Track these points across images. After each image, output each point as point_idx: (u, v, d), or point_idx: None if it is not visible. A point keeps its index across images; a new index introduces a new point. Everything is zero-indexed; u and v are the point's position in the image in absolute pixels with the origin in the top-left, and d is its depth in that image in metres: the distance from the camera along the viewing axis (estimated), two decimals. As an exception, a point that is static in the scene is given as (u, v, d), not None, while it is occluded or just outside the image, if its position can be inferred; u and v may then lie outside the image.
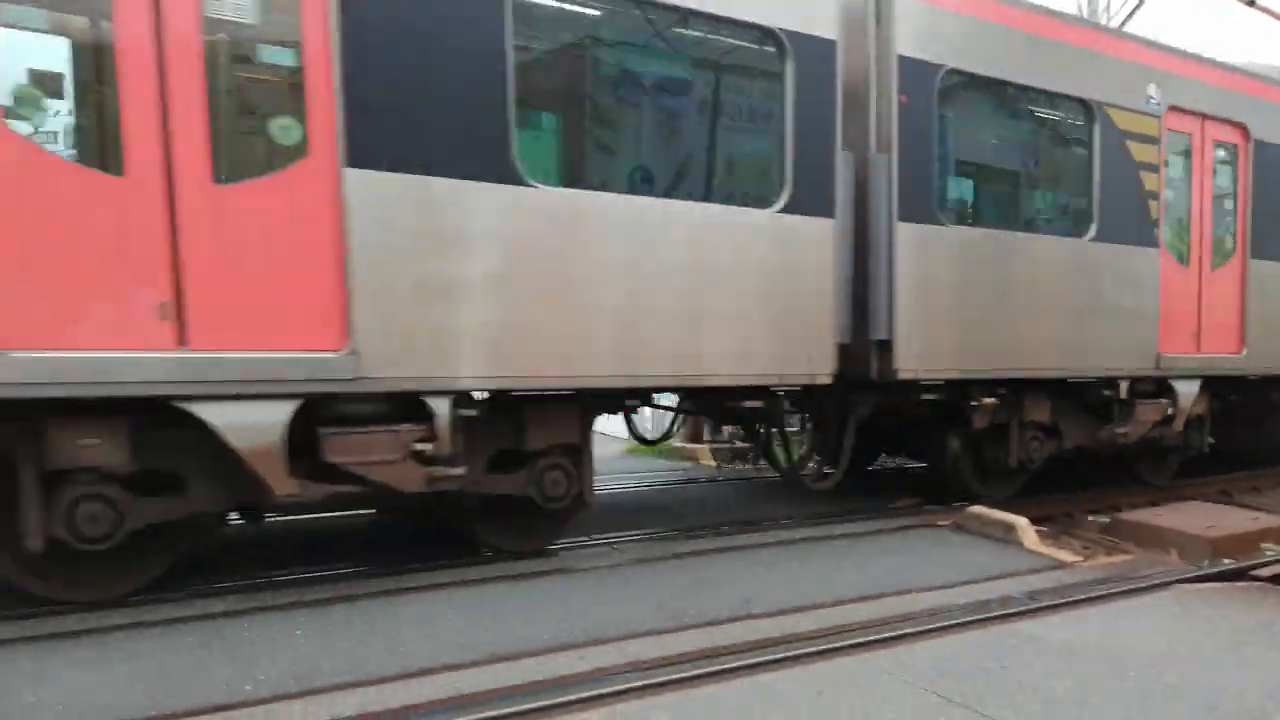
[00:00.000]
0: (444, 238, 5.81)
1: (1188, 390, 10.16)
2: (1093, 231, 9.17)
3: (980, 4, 8.24)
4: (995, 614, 5.78)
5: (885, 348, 7.92)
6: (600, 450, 7.60)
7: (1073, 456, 9.87)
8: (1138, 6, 19.09)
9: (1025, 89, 8.74)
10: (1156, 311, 9.71)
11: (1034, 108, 9.07)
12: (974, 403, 8.67)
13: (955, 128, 8.50)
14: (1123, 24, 18.55)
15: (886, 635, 5.31)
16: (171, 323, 5.10)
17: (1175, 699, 4.47)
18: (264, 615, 5.52)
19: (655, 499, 10.19)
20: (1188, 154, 10.09)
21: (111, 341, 4.96)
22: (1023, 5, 8.55)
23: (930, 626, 5.49)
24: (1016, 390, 9.00)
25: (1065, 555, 7.52)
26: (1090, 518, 9.43)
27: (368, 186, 5.50)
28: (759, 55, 7.26)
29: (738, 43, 7.21)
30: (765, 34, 7.09)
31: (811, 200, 7.36)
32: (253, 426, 5.30)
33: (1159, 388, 10.00)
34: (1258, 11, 15.92)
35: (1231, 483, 11.62)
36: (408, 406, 5.84)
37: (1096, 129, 9.08)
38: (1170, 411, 10.03)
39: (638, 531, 7.99)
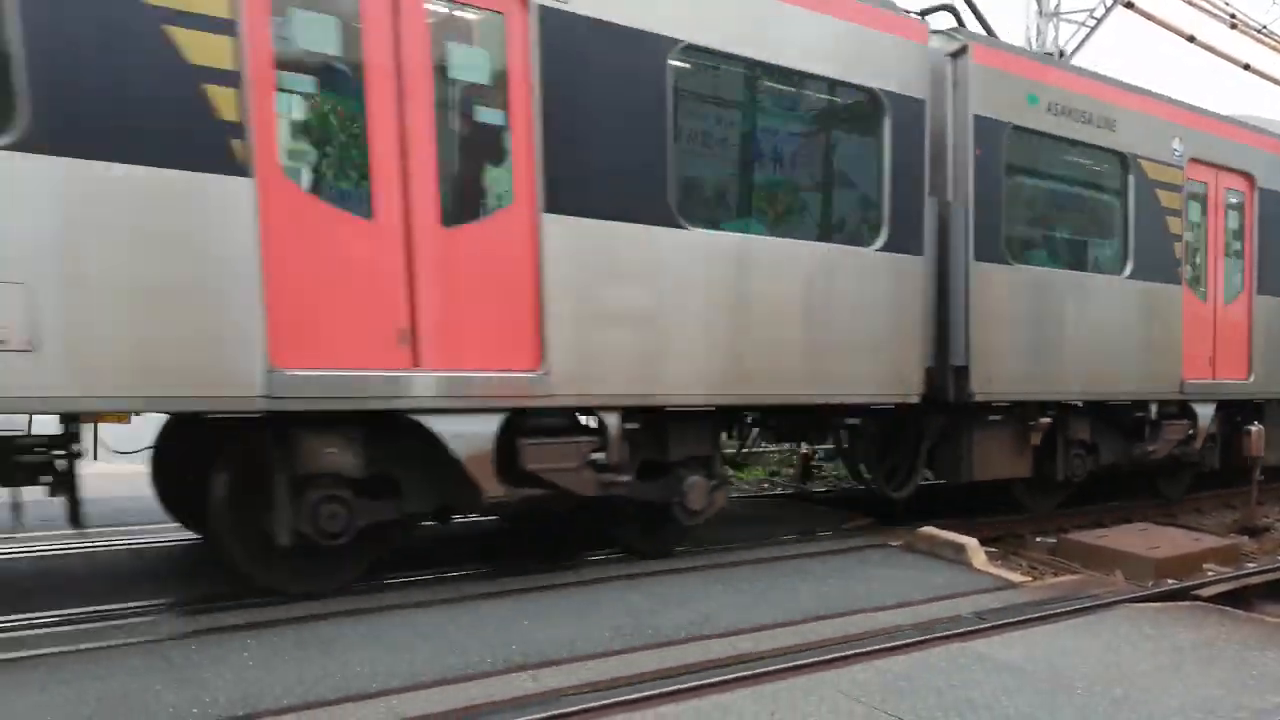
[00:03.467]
0: (617, 272, 6.78)
1: (1205, 412, 11.20)
2: (1128, 270, 10.23)
3: (1037, 68, 9.56)
4: (945, 633, 5.87)
5: (962, 373, 8.83)
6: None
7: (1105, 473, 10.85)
8: (1085, 39, 19.66)
9: (1074, 143, 9.75)
10: (1180, 341, 10.77)
11: (1081, 159, 10.07)
12: (1031, 422, 9.62)
13: (1017, 177, 9.47)
14: (1070, 56, 19.08)
15: (839, 654, 5.36)
16: (408, 346, 5.89)
17: (1120, 715, 4.57)
18: (212, 637, 5.43)
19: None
20: (1204, 200, 11.25)
21: (363, 362, 5.75)
22: (1070, 69, 10.32)
23: (882, 646, 5.55)
24: (1062, 411, 9.98)
25: (1013, 575, 7.65)
26: (1038, 539, 9.60)
27: (559, 230, 6.42)
28: (865, 112, 8.23)
29: (848, 102, 8.32)
30: (869, 94, 8.08)
31: (905, 240, 8.28)
32: (471, 436, 6.14)
33: (1181, 410, 11.00)
34: (1197, 47, 16.45)
35: (1176, 505, 11.89)
36: (578, 421, 6.82)
37: (1131, 178, 10.17)
38: (1191, 431, 11.09)
39: (595, 552, 7.98)
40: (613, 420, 6.77)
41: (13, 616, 5.69)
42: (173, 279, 5.22)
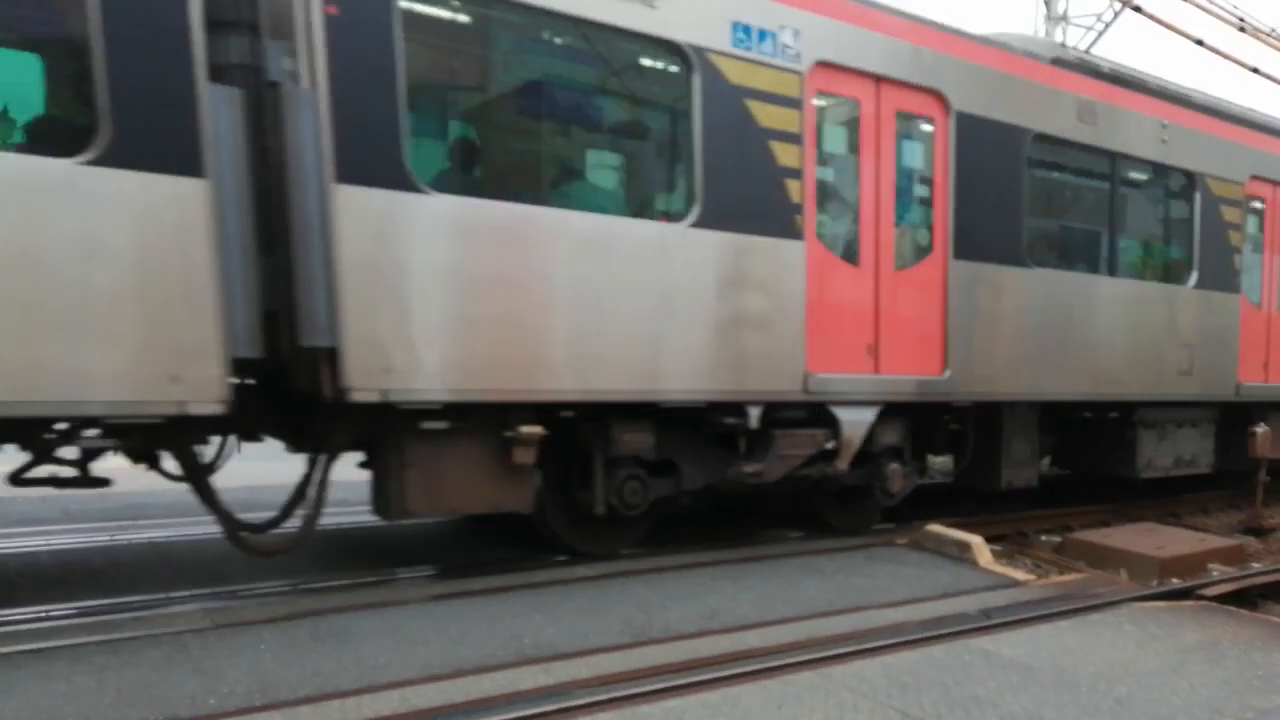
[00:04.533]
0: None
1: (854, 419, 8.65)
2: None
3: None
4: (951, 630, 5.92)
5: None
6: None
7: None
8: (1097, 39, 19.65)
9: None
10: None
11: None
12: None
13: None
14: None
15: (846, 650, 5.42)
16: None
17: (1124, 714, 4.63)
18: (230, 629, 5.51)
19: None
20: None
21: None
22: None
23: (888, 642, 5.62)
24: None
25: (1018, 574, 7.70)
26: (1043, 537, 9.65)
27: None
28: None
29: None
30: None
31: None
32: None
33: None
34: (1205, 49, 16.43)
35: (1180, 504, 11.92)
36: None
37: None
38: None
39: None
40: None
41: (35, 608, 5.79)
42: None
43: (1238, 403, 11.52)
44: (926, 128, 8.58)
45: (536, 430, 6.55)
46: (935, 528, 8.54)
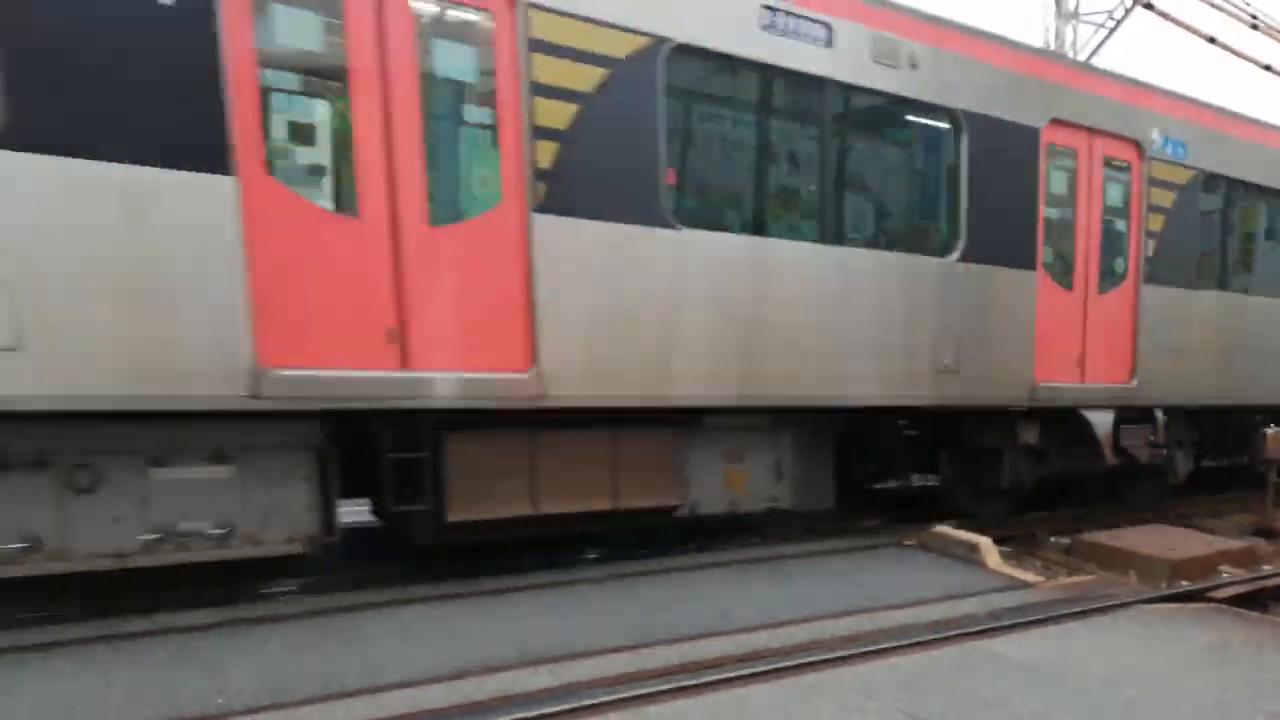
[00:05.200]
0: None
1: None
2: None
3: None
4: (960, 632, 5.89)
5: None
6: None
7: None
8: (1108, 37, 19.58)
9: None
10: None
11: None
12: None
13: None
14: (1089, 57, 19.02)
15: (854, 652, 5.40)
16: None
17: (1134, 716, 4.59)
18: (237, 629, 5.52)
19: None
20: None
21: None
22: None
23: (897, 644, 5.59)
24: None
25: (1027, 575, 7.66)
26: (1052, 539, 9.60)
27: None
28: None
29: None
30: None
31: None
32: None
33: None
34: (1217, 47, 16.36)
35: (1191, 506, 11.85)
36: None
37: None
38: None
39: (614, 547, 8.03)
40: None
41: (40, 608, 5.80)
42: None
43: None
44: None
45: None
46: (943, 529, 8.50)
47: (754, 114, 7.74)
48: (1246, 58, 17.40)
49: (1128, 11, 19.05)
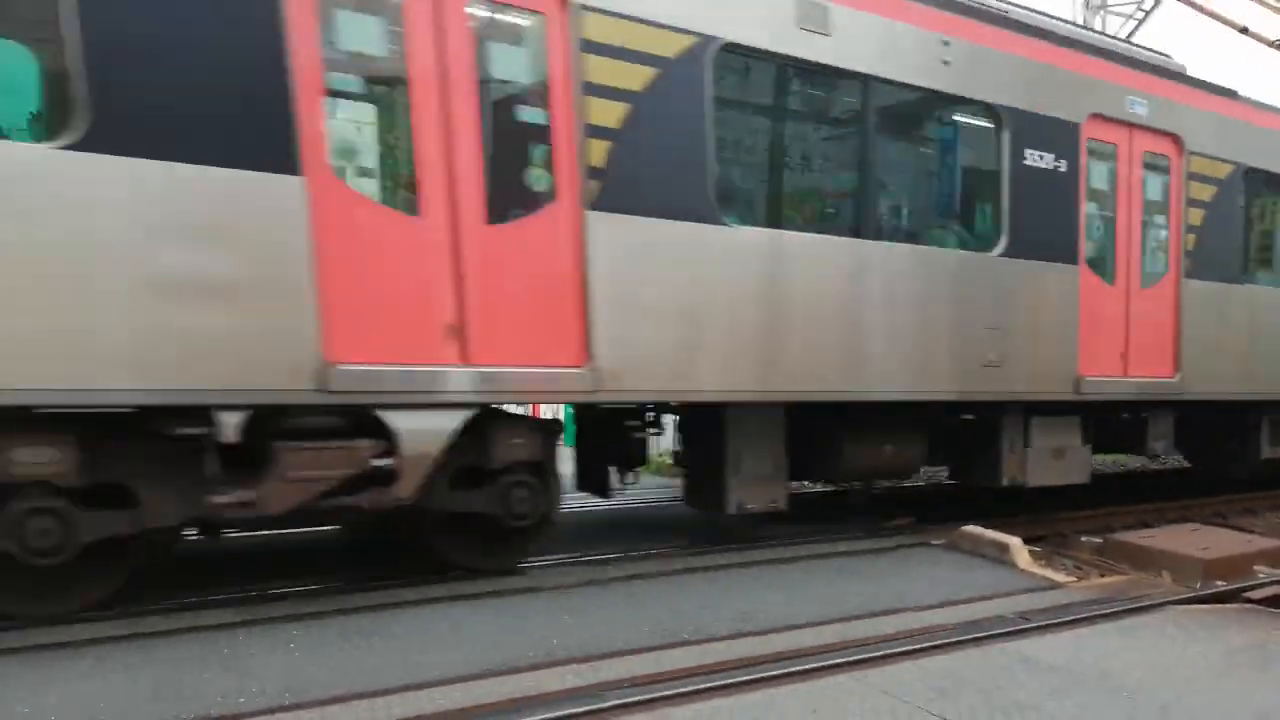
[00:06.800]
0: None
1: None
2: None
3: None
4: (989, 634, 5.80)
5: None
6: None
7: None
8: (1137, 27, 19.32)
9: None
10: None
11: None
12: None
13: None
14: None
15: (882, 653, 5.33)
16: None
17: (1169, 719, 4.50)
18: (259, 627, 5.52)
19: (653, 516, 10.22)
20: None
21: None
22: None
23: (925, 645, 5.51)
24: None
25: (1058, 576, 7.55)
26: (1083, 538, 9.46)
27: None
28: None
29: None
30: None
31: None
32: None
33: None
34: (1249, 38, 16.09)
35: (1227, 505, 11.67)
36: None
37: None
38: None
39: (635, 549, 8.00)
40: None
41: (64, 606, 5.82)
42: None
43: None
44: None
45: None
46: (972, 529, 8.39)
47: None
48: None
49: (1157, 2, 18.78)
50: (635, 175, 6.63)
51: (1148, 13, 19.07)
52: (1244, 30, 16.48)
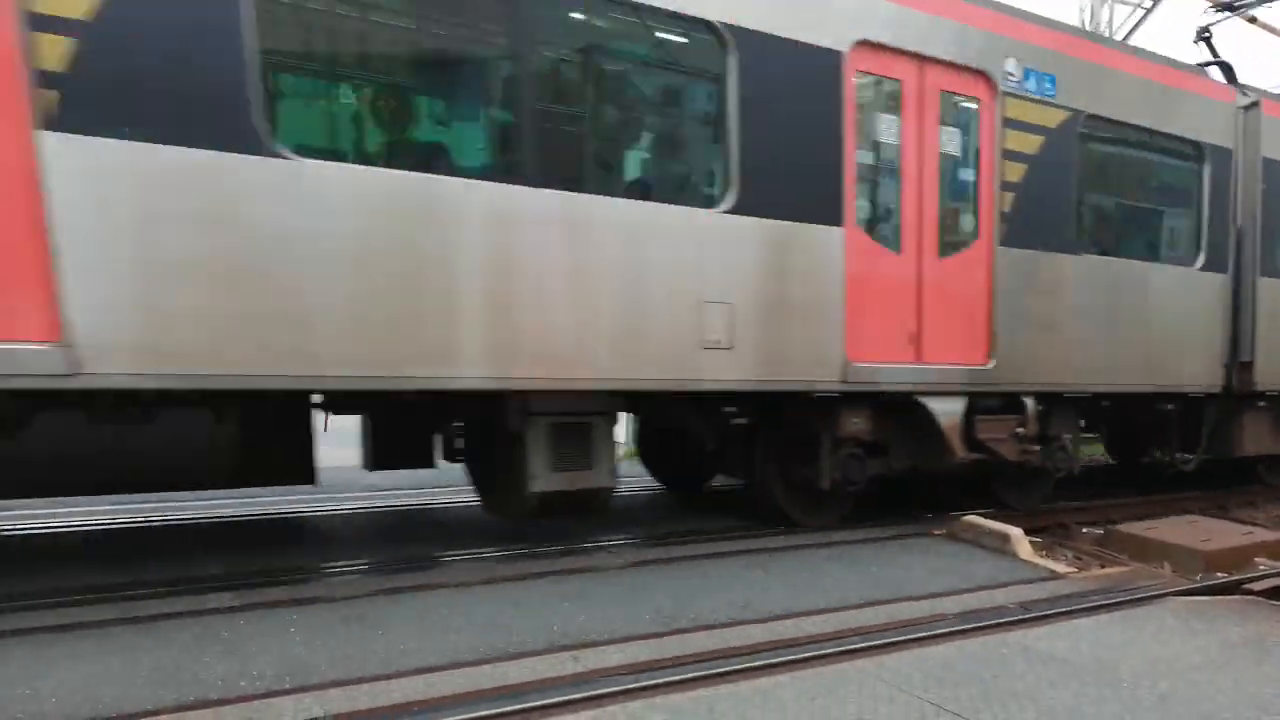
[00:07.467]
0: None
1: None
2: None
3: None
4: (989, 624, 5.81)
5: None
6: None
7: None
8: (1141, 20, 19.20)
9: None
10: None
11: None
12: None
13: None
14: (1126, 38, 18.65)
15: (882, 642, 5.33)
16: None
17: (1167, 711, 4.49)
18: (259, 611, 5.52)
19: (652, 503, 10.22)
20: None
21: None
22: None
23: (925, 634, 5.52)
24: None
25: (1059, 566, 7.55)
26: (1084, 529, 9.46)
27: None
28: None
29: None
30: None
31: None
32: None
33: None
34: (1258, 28, 15.98)
35: (1227, 497, 11.66)
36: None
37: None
38: None
39: (634, 536, 8.00)
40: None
41: (59, 586, 5.84)
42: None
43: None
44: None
45: None
46: (973, 518, 8.39)
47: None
48: (1290, 38, 16.98)
49: (1164, -7, 18.62)
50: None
51: (1155, 2, 18.93)
52: (1252, 20, 16.37)
